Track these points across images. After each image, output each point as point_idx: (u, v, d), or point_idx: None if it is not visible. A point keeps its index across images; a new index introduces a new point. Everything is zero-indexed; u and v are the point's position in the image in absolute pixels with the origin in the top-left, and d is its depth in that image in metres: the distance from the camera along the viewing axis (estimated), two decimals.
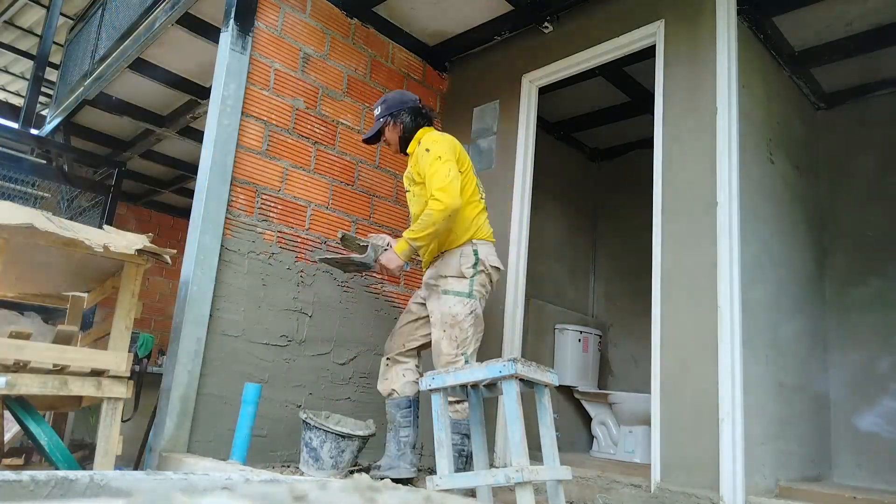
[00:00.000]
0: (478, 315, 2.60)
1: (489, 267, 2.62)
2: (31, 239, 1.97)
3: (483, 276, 2.61)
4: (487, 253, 2.63)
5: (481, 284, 2.61)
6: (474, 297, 2.57)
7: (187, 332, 2.58)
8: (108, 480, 0.88)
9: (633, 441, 3.73)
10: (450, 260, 2.62)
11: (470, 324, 2.55)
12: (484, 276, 2.61)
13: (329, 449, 2.56)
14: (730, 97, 2.60)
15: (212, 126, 2.80)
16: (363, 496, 0.42)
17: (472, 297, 2.57)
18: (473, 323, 2.56)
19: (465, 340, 2.54)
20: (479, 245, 2.62)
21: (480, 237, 2.64)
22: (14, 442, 2.74)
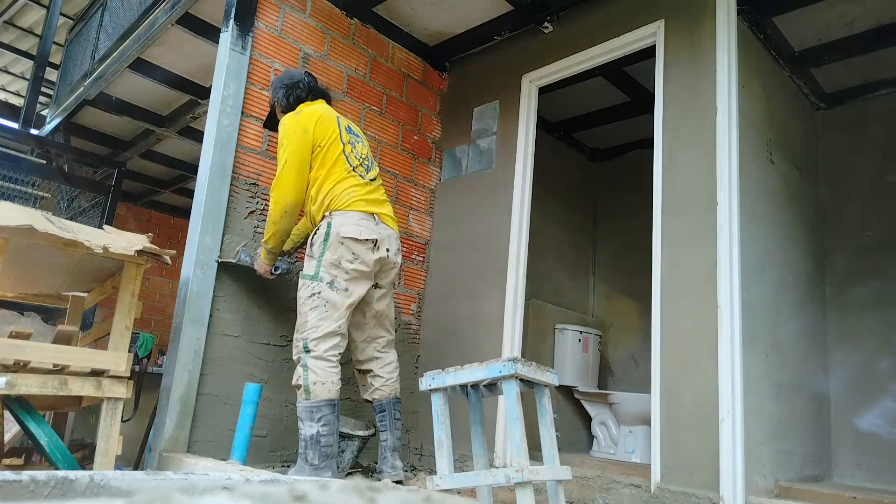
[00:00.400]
0: (325, 298, 2.40)
1: (342, 238, 2.41)
2: (31, 239, 1.97)
3: (337, 250, 2.42)
4: (342, 223, 2.43)
5: (333, 263, 2.42)
6: (319, 279, 2.41)
7: (187, 332, 2.58)
8: (108, 480, 0.88)
9: (633, 441, 3.73)
10: (310, 237, 2.55)
11: (310, 307, 2.41)
12: (340, 249, 2.41)
13: None
14: (730, 97, 2.60)
15: (212, 126, 2.80)
16: (363, 496, 0.42)
17: (317, 278, 2.42)
18: (315, 306, 2.40)
19: (305, 325, 2.41)
20: (334, 217, 2.46)
21: (337, 207, 2.47)
22: (14, 442, 2.74)
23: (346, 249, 2.43)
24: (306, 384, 2.37)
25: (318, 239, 2.47)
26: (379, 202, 2.61)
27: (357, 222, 2.46)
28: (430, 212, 3.77)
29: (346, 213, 2.46)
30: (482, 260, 3.42)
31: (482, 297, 3.36)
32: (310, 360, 2.40)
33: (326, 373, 2.39)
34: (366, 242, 2.46)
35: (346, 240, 2.42)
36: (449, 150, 3.84)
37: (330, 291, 2.42)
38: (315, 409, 2.36)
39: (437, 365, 3.15)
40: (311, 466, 2.33)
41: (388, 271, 2.63)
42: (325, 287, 2.42)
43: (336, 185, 2.51)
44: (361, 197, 2.52)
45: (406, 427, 3.46)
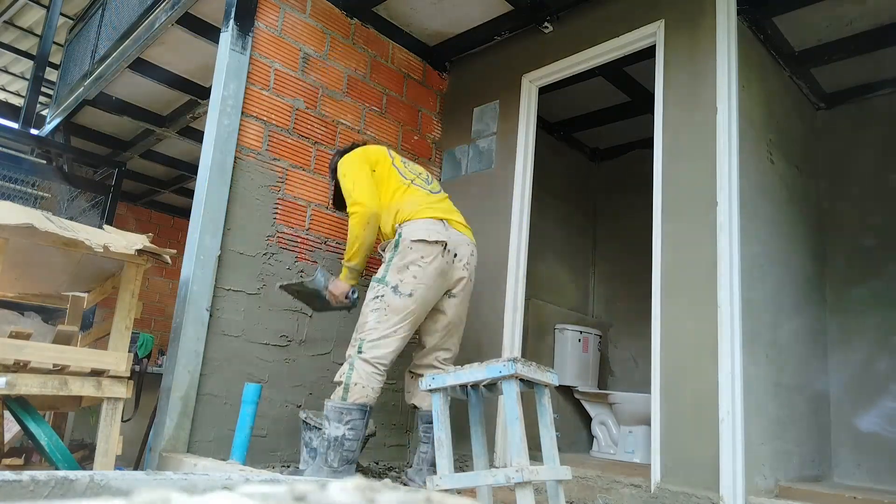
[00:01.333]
0: (387, 302, 2.41)
1: (411, 242, 2.44)
2: (31, 239, 1.97)
3: (406, 255, 2.44)
4: (411, 230, 2.48)
5: (401, 267, 2.43)
6: (385, 282, 2.44)
7: (187, 332, 2.58)
8: (108, 480, 0.88)
9: (633, 441, 3.73)
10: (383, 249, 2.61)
11: (372, 308, 2.43)
12: (409, 254, 2.43)
13: None
14: (730, 97, 2.60)
15: (212, 126, 2.80)
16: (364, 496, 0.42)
17: (383, 282, 2.45)
18: (377, 308, 2.42)
19: (364, 325, 2.44)
20: (404, 227, 2.51)
21: (406, 218, 2.53)
22: (14, 442, 2.74)
23: (415, 254, 2.44)
24: (347, 382, 2.37)
25: (389, 245, 2.53)
26: (449, 210, 2.66)
27: (425, 227, 2.49)
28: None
29: (416, 221, 2.52)
30: (482, 260, 3.41)
31: (482, 297, 3.36)
32: (358, 360, 2.40)
33: (370, 378, 2.38)
34: (435, 245, 2.46)
35: (415, 243, 2.44)
36: (449, 151, 3.84)
37: (393, 296, 2.42)
38: (345, 412, 2.34)
39: None
40: (330, 468, 2.31)
41: (459, 277, 2.58)
42: (390, 291, 2.43)
43: (400, 199, 2.59)
44: (428, 205, 2.58)
45: (406, 427, 3.46)
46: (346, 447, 2.33)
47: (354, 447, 2.36)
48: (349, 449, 2.34)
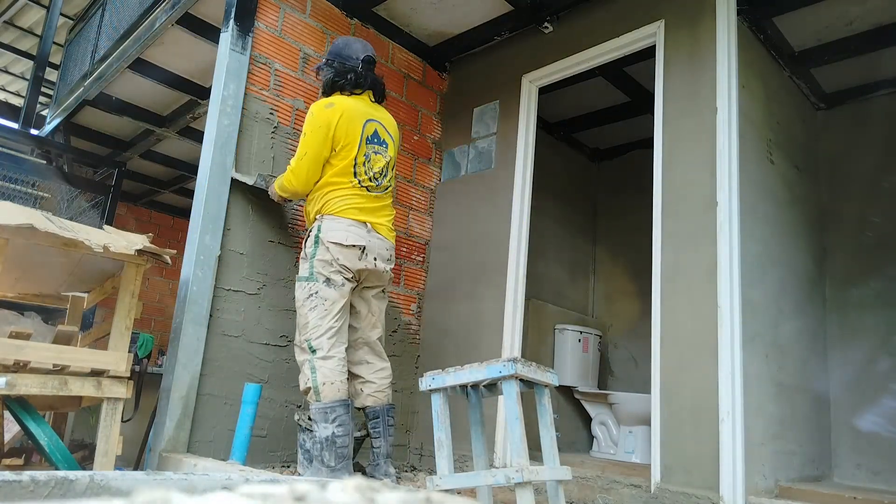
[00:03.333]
0: (323, 297, 2.42)
1: (328, 242, 2.44)
2: (31, 239, 1.97)
3: (326, 253, 2.44)
4: (329, 228, 2.47)
5: (325, 262, 2.44)
6: (314, 279, 2.44)
7: (187, 332, 2.58)
8: (108, 480, 0.88)
9: (633, 441, 3.73)
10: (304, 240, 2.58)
11: (309, 308, 2.42)
12: (328, 253, 2.44)
13: None
14: (730, 97, 2.60)
15: (212, 126, 2.80)
16: (364, 496, 0.42)
17: (312, 279, 2.44)
18: (315, 306, 2.42)
19: (306, 326, 2.42)
20: (324, 220, 2.49)
21: (328, 212, 2.50)
22: (14, 442, 2.74)
23: (333, 254, 2.45)
24: (315, 385, 2.37)
25: (309, 241, 2.52)
26: (375, 211, 2.59)
27: (345, 228, 2.48)
28: (430, 212, 3.77)
29: (337, 219, 2.49)
30: (482, 260, 3.42)
31: (482, 297, 3.36)
32: (317, 360, 2.39)
33: (334, 372, 2.39)
34: (352, 248, 2.47)
35: (332, 244, 2.45)
36: (449, 151, 3.84)
37: (327, 289, 2.43)
38: (329, 410, 2.35)
39: (437, 365, 3.15)
40: (328, 468, 2.32)
41: (378, 277, 2.61)
42: (322, 286, 2.44)
43: (334, 190, 2.52)
44: (356, 205, 2.53)
45: (406, 427, 3.46)
46: (338, 444, 2.34)
47: (347, 442, 2.37)
48: (342, 445, 2.35)
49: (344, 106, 2.55)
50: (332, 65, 2.65)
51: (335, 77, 2.64)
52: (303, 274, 2.49)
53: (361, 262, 2.49)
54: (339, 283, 2.45)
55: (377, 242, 2.55)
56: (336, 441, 2.34)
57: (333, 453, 2.33)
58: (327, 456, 2.33)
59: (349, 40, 2.74)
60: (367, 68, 2.66)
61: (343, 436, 2.35)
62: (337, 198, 2.51)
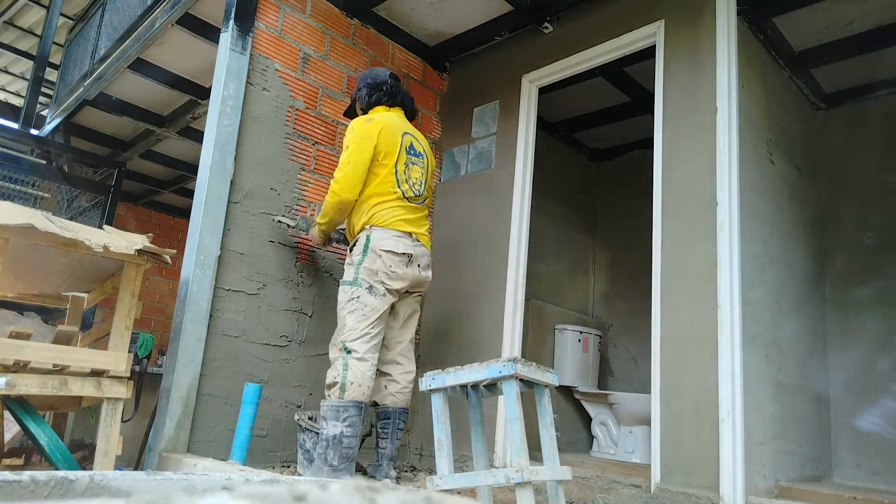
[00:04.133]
0: (364, 303, 2.50)
1: (380, 250, 2.53)
2: (31, 239, 1.97)
3: (375, 262, 2.52)
4: (381, 237, 2.56)
5: (371, 271, 2.52)
6: (358, 284, 2.52)
7: (187, 332, 2.58)
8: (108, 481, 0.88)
9: (633, 441, 3.73)
10: (350, 248, 2.66)
11: (349, 311, 2.50)
12: (378, 261, 2.52)
13: None
14: (730, 97, 2.60)
15: (212, 126, 2.80)
16: (364, 496, 0.42)
17: (356, 284, 2.52)
18: (354, 310, 2.49)
19: (344, 328, 2.50)
20: (374, 231, 2.58)
21: (377, 223, 2.59)
22: (14, 442, 2.74)
23: (382, 262, 2.54)
24: (343, 381, 2.41)
25: (357, 248, 2.60)
26: (417, 222, 2.71)
27: (395, 237, 2.59)
28: (430, 212, 3.77)
29: (385, 230, 2.59)
30: (482, 260, 3.42)
31: (482, 297, 3.36)
32: (351, 360, 2.45)
33: (365, 376, 2.45)
34: (402, 256, 2.58)
35: (384, 252, 2.55)
36: (449, 151, 3.84)
37: (368, 296, 2.51)
38: (342, 409, 2.39)
39: (437, 365, 3.15)
40: (331, 467, 2.33)
41: (421, 284, 2.73)
42: (364, 292, 2.52)
43: (380, 203, 2.62)
44: (402, 217, 2.64)
45: (406, 427, 3.46)
46: (344, 444, 2.36)
47: (353, 444, 2.38)
48: (348, 446, 2.36)
49: (384, 119, 2.69)
50: (365, 85, 2.83)
51: (370, 92, 2.81)
52: (347, 278, 2.58)
53: (409, 269, 2.61)
54: (380, 292, 2.53)
55: (420, 250, 2.68)
56: (343, 441, 2.36)
57: (338, 453, 2.34)
58: (331, 455, 2.34)
59: (372, 68, 2.98)
60: (395, 81, 2.85)
61: (351, 437, 2.38)
62: (384, 209, 2.62)
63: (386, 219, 2.60)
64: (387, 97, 2.79)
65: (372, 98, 2.79)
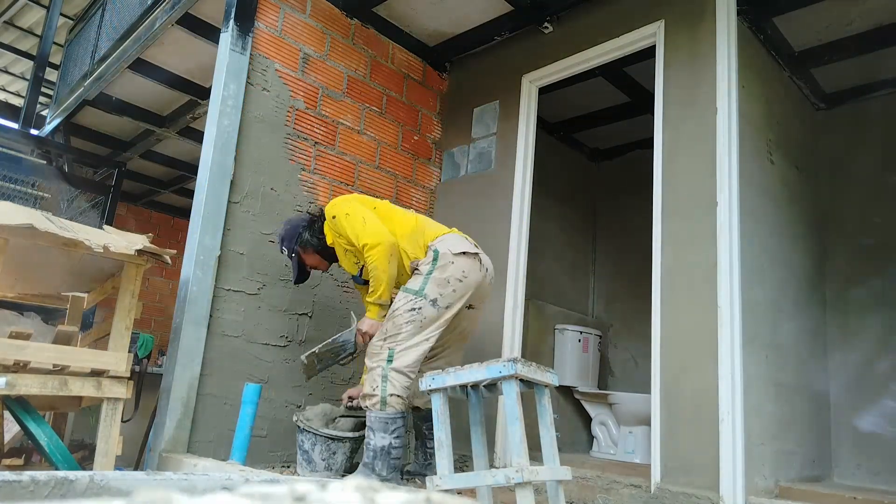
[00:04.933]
0: (424, 315, 2.41)
1: (452, 255, 2.47)
2: (31, 239, 1.97)
3: (447, 269, 2.45)
4: (451, 243, 2.51)
5: (442, 281, 2.43)
6: (423, 295, 2.42)
7: (187, 332, 2.58)
8: (108, 481, 0.88)
9: (633, 441, 3.73)
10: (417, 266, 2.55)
11: (407, 320, 2.41)
12: (450, 267, 2.45)
13: (320, 451, 2.56)
14: (729, 97, 2.60)
15: (212, 126, 2.80)
16: (364, 496, 0.42)
17: (421, 294, 2.42)
18: (412, 321, 2.41)
19: (397, 335, 2.41)
20: (438, 242, 2.52)
21: (435, 236, 2.55)
22: (14, 442, 2.74)
23: (456, 267, 2.46)
24: (384, 395, 2.37)
25: (425, 260, 2.49)
26: None
27: (460, 240, 2.55)
28: (431, 212, 3.77)
29: (445, 237, 2.55)
30: None
31: None
32: (391, 371, 2.39)
33: (404, 388, 2.41)
34: (475, 258, 2.52)
35: (457, 256, 2.47)
36: (448, 151, 3.84)
37: (431, 308, 2.43)
38: (391, 422, 2.37)
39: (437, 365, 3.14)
40: (379, 477, 2.34)
41: (485, 294, 2.66)
42: (428, 304, 2.43)
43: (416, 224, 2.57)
44: (438, 225, 2.63)
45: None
46: (393, 455, 2.37)
47: (401, 454, 2.41)
48: (396, 457, 2.38)
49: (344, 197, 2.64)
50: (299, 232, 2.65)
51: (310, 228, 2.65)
52: (412, 286, 2.46)
53: (480, 273, 2.53)
54: (443, 305, 2.45)
55: (486, 259, 2.62)
56: (391, 452, 2.36)
57: (387, 464, 2.36)
58: (380, 465, 2.35)
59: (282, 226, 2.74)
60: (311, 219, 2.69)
61: (399, 447, 2.39)
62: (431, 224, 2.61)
63: (440, 228, 2.59)
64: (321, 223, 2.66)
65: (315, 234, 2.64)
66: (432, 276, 2.45)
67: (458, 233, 2.63)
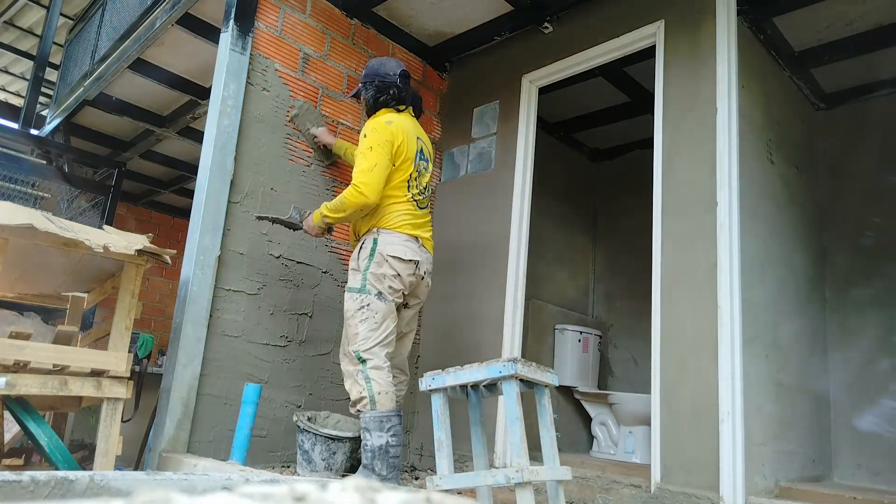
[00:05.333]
0: (374, 310, 2.46)
1: (387, 255, 2.49)
2: (31, 239, 1.97)
3: (382, 266, 2.48)
4: (388, 242, 2.51)
5: (379, 276, 2.48)
6: (367, 291, 2.47)
7: (187, 332, 2.58)
8: (108, 481, 0.88)
9: (633, 441, 3.73)
10: (355, 251, 2.60)
11: (360, 320, 2.45)
12: (384, 265, 2.48)
13: (320, 451, 2.56)
14: (730, 97, 2.60)
15: (212, 126, 2.80)
16: (364, 496, 0.42)
17: (364, 291, 2.47)
18: (366, 318, 2.45)
19: (356, 336, 2.45)
20: (381, 234, 2.53)
21: (385, 226, 2.54)
22: (14, 442, 2.74)
23: (389, 267, 2.50)
24: (371, 395, 2.39)
25: (363, 254, 2.54)
26: (423, 226, 2.67)
27: (403, 243, 2.54)
28: (431, 212, 3.77)
29: (393, 233, 2.54)
30: (482, 260, 3.42)
31: (482, 297, 3.36)
32: (370, 371, 2.41)
33: (387, 383, 2.43)
34: (409, 263, 2.53)
35: (392, 258, 2.50)
36: (448, 151, 3.84)
37: (378, 302, 2.48)
38: (385, 420, 2.38)
39: (437, 365, 3.14)
40: (380, 477, 2.35)
41: (422, 290, 2.70)
42: (374, 299, 2.48)
43: (391, 205, 2.57)
44: (409, 221, 2.60)
45: (406, 427, 3.46)
46: (391, 454, 2.38)
47: (399, 453, 2.41)
48: (394, 455, 2.39)
49: (401, 124, 2.62)
50: (372, 83, 2.71)
51: (377, 94, 2.71)
52: (354, 285, 2.52)
53: (414, 276, 2.57)
54: (389, 298, 2.50)
55: (425, 256, 2.63)
56: (389, 451, 2.37)
57: (386, 462, 2.36)
58: (379, 465, 2.35)
59: (382, 59, 2.83)
60: (405, 82, 2.74)
61: (396, 445, 2.39)
62: (393, 212, 2.57)
63: (393, 221, 2.55)
64: (394, 101, 2.69)
65: (379, 100, 2.69)
66: (369, 271, 2.49)
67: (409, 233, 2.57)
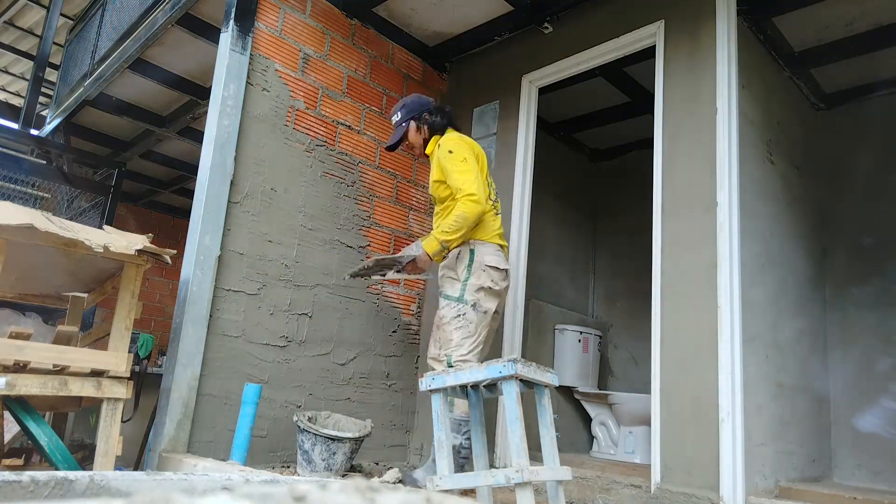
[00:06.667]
0: (470, 319, 2.57)
1: (485, 266, 2.61)
2: (31, 239, 1.97)
3: (481, 277, 2.60)
4: (485, 253, 2.63)
5: (478, 288, 2.59)
6: (464, 301, 2.59)
7: (187, 333, 2.58)
8: (108, 481, 0.88)
9: (633, 441, 3.73)
10: (450, 259, 2.68)
11: (455, 327, 2.57)
12: (483, 276, 2.60)
13: (320, 451, 2.56)
14: (730, 97, 2.60)
15: (212, 126, 2.80)
16: (364, 496, 0.42)
17: (462, 301, 2.59)
18: (461, 326, 2.56)
19: (450, 343, 2.58)
20: (476, 245, 2.64)
21: (479, 238, 2.65)
22: (14, 442, 2.74)
23: (487, 276, 2.60)
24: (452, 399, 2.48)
25: (461, 264, 2.64)
26: (503, 235, 2.80)
27: (495, 252, 2.66)
28: (431, 212, 3.77)
29: (487, 244, 2.65)
30: None
31: None
32: None
33: None
34: (503, 272, 2.66)
35: (489, 268, 2.61)
36: None
37: (473, 313, 2.58)
38: (463, 423, 2.52)
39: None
40: None
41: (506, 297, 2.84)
42: (470, 309, 2.58)
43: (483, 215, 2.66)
44: (497, 231, 2.73)
45: (406, 427, 3.46)
46: (462, 455, 2.51)
47: (468, 455, 2.51)
48: (464, 457, 2.51)
49: (468, 139, 2.81)
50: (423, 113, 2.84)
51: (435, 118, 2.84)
52: (452, 294, 2.62)
53: (505, 283, 2.69)
54: (483, 309, 2.60)
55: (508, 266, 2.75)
56: (461, 451, 2.50)
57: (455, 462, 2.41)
58: None
59: (410, 96, 2.96)
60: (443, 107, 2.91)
61: (467, 448, 2.51)
62: (485, 222, 2.67)
63: (487, 232, 2.66)
64: (448, 121, 2.85)
65: (444, 121, 2.84)
66: (469, 282, 2.60)
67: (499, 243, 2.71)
